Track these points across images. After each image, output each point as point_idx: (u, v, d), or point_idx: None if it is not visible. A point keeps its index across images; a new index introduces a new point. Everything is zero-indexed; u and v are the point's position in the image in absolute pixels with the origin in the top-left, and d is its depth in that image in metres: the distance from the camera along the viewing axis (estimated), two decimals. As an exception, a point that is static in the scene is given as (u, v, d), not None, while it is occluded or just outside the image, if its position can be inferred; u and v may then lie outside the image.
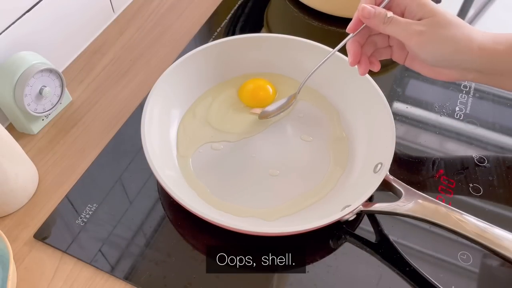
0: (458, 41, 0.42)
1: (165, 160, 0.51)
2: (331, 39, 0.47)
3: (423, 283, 0.45)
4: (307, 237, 0.46)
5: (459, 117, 0.59)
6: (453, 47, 0.43)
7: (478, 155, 0.54)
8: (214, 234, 0.47)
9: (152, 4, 0.74)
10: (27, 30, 0.56)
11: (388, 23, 0.43)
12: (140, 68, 0.65)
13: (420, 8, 0.43)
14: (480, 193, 0.51)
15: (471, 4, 0.75)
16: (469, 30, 0.43)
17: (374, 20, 0.44)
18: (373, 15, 0.44)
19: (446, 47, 0.43)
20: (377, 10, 0.44)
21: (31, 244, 0.48)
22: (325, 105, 0.58)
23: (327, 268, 0.46)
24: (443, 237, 0.47)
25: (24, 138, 0.57)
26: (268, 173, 0.52)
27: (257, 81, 0.60)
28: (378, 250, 0.47)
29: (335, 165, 0.53)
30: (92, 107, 0.60)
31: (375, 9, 0.44)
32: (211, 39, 0.68)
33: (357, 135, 0.54)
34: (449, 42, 0.42)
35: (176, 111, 0.57)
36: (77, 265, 0.46)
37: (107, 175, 0.53)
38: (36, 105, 0.54)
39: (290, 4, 0.74)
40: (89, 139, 0.57)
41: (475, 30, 0.43)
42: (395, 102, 0.61)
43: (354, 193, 0.47)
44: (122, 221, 0.49)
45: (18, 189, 0.49)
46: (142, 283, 0.45)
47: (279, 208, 0.49)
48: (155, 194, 0.51)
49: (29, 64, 0.52)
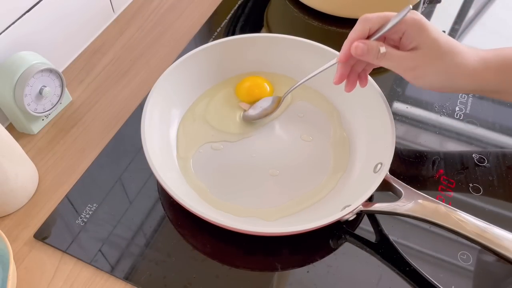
0: (451, 73, 0.44)
1: (165, 160, 0.51)
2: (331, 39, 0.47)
3: (423, 283, 0.45)
4: (307, 237, 0.46)
5: (459, 117, 0.59)
6: (446, 78, 0.44)
7: (478, 155, 0.54)
8: (214, 234, 0.47)
9: (152, 4, 0.74)
10: (27, 30, 0.56)
11: (381, 58, 0.43)
12: (140, 68, 0.65)
13: (418, 35, 0.42)
14: (480, 193, 0.51)
15: (471, 4, 0.75)
16: (461, 58, 0.43)
17: (367, 57, 0.44)
18: (366, 52, 0.43)
19: (440, 79, 0.44)
20: (370, 46, 0.43)
21: (31, 244, 0.48)
22: (325, 105, 0.58)
23: (327, 268, 0.46)
24: (443, 237, 0.47)
25: (24, 138, 0.57)
26: (268, 173, 0.52)
27: (255, 78, 0.60)
28: (378, 250, 0.47)
29: (335, 165, 0.53)
30: (92, 107, 0.60)
31: (368, 46, 0.43)
32: (211, 39, 0.68)
33: (357, 135, 0.54)
34: (442, 75, 0.44)
35: (176, 111, 0.57)
36: (77, 265, 0.46)
37: (107, 175, 0.53)
38: (36, 105, 0.54)
39: (290, 4, 0.74)
40: (89, 139, 0.57)
41: (467, 56, 0.44)
42: (395, 102, 0.61)
43: (354, 193, 0.47)
44: (122, 221, 0.49)
45: (18, 189, 0.49)
46: (142, 283, 0.45)
47: (279, 208, 0.49)
48: (155, 194, 0.51)
49: (29, 64, 0.52)
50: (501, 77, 0.45)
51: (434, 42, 0.42)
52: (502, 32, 0.70)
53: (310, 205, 0.49)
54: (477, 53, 0.44)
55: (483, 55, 0.44)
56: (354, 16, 0.69)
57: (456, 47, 0.43)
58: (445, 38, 0.43)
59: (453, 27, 0.71)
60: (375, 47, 0.43)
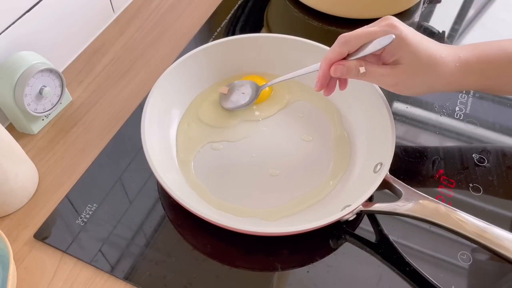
0: (432, 83, 0.45)
1: (165, 160, 0.51)
2: (331, 39, 0.47)
3: (423, 283, 0.45)
4: (307, 237, 0.46)
5: (459, 117, 0.59)
6: (428, 88, 0.46)
7: (478, 155, 0.54)
8: (214, 234, 0.47)
9: (152, 4, 0.74)
10: (27, 30, 0.56)
11: (362, 76, 0.44)
12: (140, 68, 0.65)
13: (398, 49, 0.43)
14: (480, 193, 0.51)
15: (471, 4, 0.75)
16: (442, 68, 0.44)
17: (347, 76, 0.45)
18: (346, 73, 0.44)
19: (421, 89, 0.46)
20: (348, 67, 0.44)
21: (31, 244, 0.48)
22: (325, 105, 0.58)
23: (327, 268, 0.46)
24: (443, 237, 0.47)
25: (24, 138, 0.57)
26: (268, 173, 0.52)
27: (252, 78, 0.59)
28: (378, 250, 0.47)
29: (335, 165, 0.53)
30: (92, 107, 0.60)
31: (347, 67, 0.44)
32: (211, 39, 0.68)
33: (357, 135, 0.54)
34: (424, 86, 0.45)
35: (176, 111, 0.57)
36: (77, 265, 0.46)
37: (107, 175, 0.53)
38: (36, 105, 0.54)
39: (290, 4, 0.74)
40: (89, 139, 0.57)
41: (448, 64, 0.44)
42: (395, 102, 0.61)
43: (354, 193, 0.47)
44: (122, 221, 0.49)
45: (18, 189, 0.49)
46: (142, 283, 0.45)
47: (279, 208, 0.49)
48: (155, 194, 0.51)
49: (29, 64, 0.52)
50: (482, 81, 0.46)
51: (414, 57, 0.43)
52: (502, 32, 0.70)
53: (310, 205, 0.49)
54: (457, 57, 0.45)
55: (463, 59, 0.45)
56: (354, 16, 0.69)
57: (436, 58, 0.44)
58: (425, 50, 0.43)
59: (453, 27, 0.71)
60: (354, 67, 0.44)
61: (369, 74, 0.44)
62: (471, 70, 0.45)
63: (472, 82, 0.46)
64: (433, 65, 0.44)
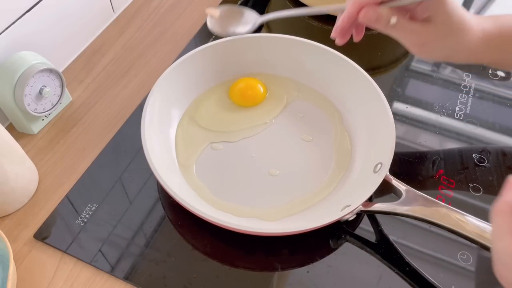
0: (455, 49, 0.44)
1: (165, 160, 0.51)
2: (331, 39, 0.47)
3: (423, 283, 0.45)
4: (307, 237, 0.46)
5: (459, 117, 0.59)
6: (450, 54, 0.44)
7: (478, 155, 0.54)
8: (214, 234, 0.47)
9: (152, 4, 0.74)
10: (27, 30, 0.56)
11: (390, 28, 0.41)
12: (140, 68, 0.65)
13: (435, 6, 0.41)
14: (480, 193, 0.51)
15: (471, 4, 0.75)
16: (468, 36, 0.43)
17: (374, 25, 0.41)
18: (374, 21, 0.41)
19: (444, 54, 0.45)
20: (380, 15, 0.40)
21: (31, 244, 0.48)
22: (325, 105, 0.58)
23: (327, 268, 0.46)
24: (443, 237, 0.47)
25: (24, 138, 0.57)
26: (268, 173, 0.52)
27: (248, 80, 0.59)
28: (378, 250, 0.47)
29: (336, 165, 0.53)
30: (92, 107, 0.60)
31: (378, 15, 0.40)
32: (211, 39, 0.68)
33: (357, 135, 0.54)
34: (447, 51, 0.44)
35: (176, 111, 0.57)
36: (77, 265, 0.46)
37: (107, 175, 0.53)
38: (36, 105, 0.54)
39: (290, 4, 0.74)
40: (89, 139, 0.57)
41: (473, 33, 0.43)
42: (395, 102, 0.61)
43: (354, 193, 0.47)
44: (122, 221, 0.49)
45: (18, 189, 0.49)
46: (142, 283, 0.45)
47: (279, 208, 0.49)
48: (155, 194, 0.51)
49: (29, 64, 0.52)
50: (499, 54, 0.46)
51: (447, 17, 0.41)
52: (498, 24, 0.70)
53: (310, 205, 0.49)
54: (482, 27, 0.44)
55: (487, 31, 0.44)
56: (354, 16, 0.69)
57: (465, 24, 0.42)
58: (459, 13, 0.42)
59: (453, 27, 0.71)
60: (385, 16, 0.40)
61: (398, 27, 0.41)
62: (493, 42, 0.44)
63: (490, 55, 0.45)
64: (462, 31, 0.42)
